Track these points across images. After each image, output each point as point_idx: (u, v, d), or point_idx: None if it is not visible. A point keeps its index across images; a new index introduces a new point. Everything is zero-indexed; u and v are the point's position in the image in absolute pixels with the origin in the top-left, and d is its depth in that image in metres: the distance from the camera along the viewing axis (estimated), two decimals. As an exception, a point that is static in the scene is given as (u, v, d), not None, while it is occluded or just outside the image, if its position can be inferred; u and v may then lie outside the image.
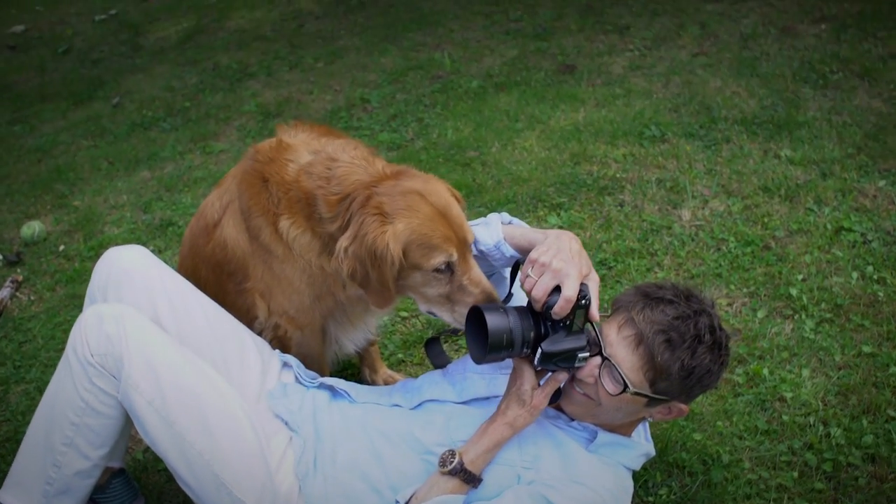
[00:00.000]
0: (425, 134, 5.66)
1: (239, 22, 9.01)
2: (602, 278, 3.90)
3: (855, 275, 3.73)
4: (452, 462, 2.37)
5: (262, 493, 2.45)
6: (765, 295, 3.70)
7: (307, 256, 2.71)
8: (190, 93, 7.06)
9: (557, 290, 2.29)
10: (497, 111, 5.82)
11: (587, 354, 2.37)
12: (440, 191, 2.55)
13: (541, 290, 2.31)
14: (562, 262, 2.31)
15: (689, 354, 2.34)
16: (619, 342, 2.40)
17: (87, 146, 6.33)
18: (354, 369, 3.54)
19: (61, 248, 4.87)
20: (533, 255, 2.38)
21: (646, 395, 2.38)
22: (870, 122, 5.09)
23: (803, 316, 3.54)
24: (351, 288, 2.72)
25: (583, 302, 2.30)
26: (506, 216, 2.70)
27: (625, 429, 2.58)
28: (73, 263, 4.68)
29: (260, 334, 2.96)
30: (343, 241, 2.52)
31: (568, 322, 2.31)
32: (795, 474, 2.84)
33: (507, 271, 2.76)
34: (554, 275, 2.30)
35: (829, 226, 4.09)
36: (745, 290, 3.75)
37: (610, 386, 2.39)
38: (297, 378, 2.87)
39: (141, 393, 2.41)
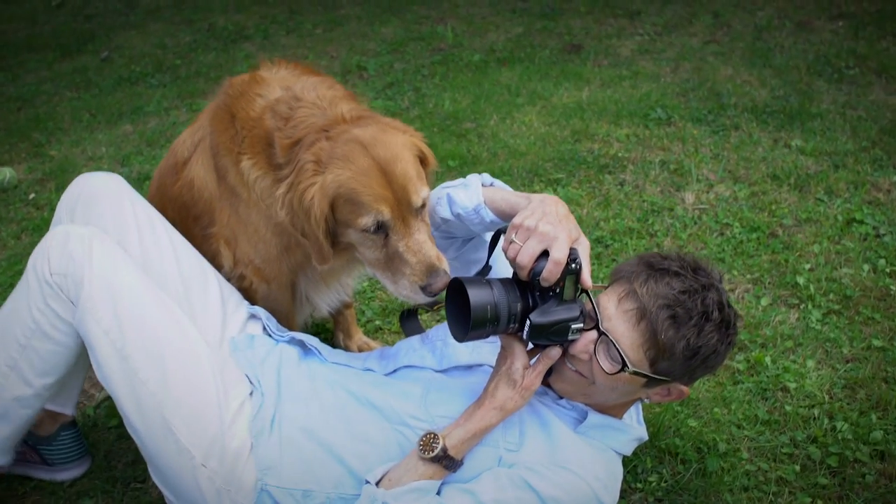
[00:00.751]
0: (421, 103, 5.42)
1: (237, -12, 8.75)
2: (598, 256, 3.68)
3: (866, 267, 3.51)
4: (435, 449, 2.12)
5: (210, 447, 2.21)
6: (769, 282, 3.48)
7: (268, 202, 2.46)
8: (182, 51, 6.81)
9: (545, 255, 2.05)
10: (498, 85, 5.58)
11: (581, 326, 2.12)
12: (390, 143, 2.27)
13: (526, 256, 2.05)
14: (548, 226, 2.06)
15: (695, 333, 2.08)
16: (618, 316, 2.14)
17: (70, 97, 6.08)
18: (328, 334, 3.31)
19: (31, 196, 4.62)
20: (516, 219, 2.12)
21: (645, 376, 2.13)
22: (886, 117, 4.87)
23: (810, 306, 3.32)
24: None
25: (573, 266, 2.05)
26: (486, 177, 2.43)
27: (616, 410, 2.33)
28: (41, 212, 4.43)
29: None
30: (282, 187, 2.30)
31: (558, 290, 2.08)
32: (797, 468, 2.61)
33: (488, 236, 2.51)
34: (540, 238, 2.05)
35: (839, 217, 3.87)
36: (748, 276, 3.52)
37: (606, 364, 2.13)
38: (265, 330, 2.64)
39: (97, 320, 2.20)
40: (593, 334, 2.14)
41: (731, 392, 2.91)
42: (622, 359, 2.09)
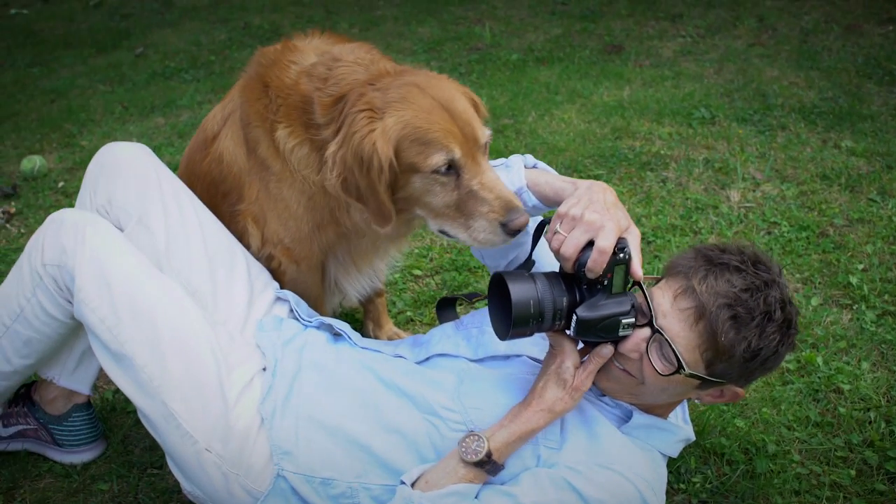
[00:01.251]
0: (458, 100, 5.30)
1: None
2: (639, 252, 3.52)
3: (924, 268, 3.33)
4: (480, 453, 1.96)
5: (213, 429, 2.10)
6: (820, 282, 3.31)
7: (305, 172, 2.34)
8: (217, 48, 6.77)
9: (591, 246, 1.91)
10: (536, 83, 5.45)
11: (633, 321, 1.96)
12: (444, 86, 2.16)
13: (571, 247, 1.92)
14: (595, 214, 1.93)
15: (756, 334, 1.92)
16: (674, 314, 1.98)
17: (104, 91, 6.05)
18: (357, 325, 3.18)
19: (60, 184, 4.56)
20: (562, 208, 2.00)
21: (700, 378, 1.97)
22: (940, 120, 4.68)
23: (863, 306, 3.14)
24: (354, 210, 2.36)
25: (621, 255, 1.91)
26: (530, 158, 2.31)
27: (663, 410, 2.18)
28: (70, 200, 4.36)
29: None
30: (332, 146, 2.15)
31: (606, 282, 1.93)
32: (853, 472, 2.44)
33: (531, 227, 2.34)
34: (586, 228, 1.92)
35: (894, 218, 3.69)
36: (798, 275, 3.35)
37: (659, 364, 1.98)
38: (292, 313, 2.52)
39: (92, 310, 2.14)
40: (646, 332, 1.99)
41: (780, 392, 2.74)
42: (678, 360, 1.94)
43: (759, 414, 2.66)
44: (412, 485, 2.00)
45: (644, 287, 2.00)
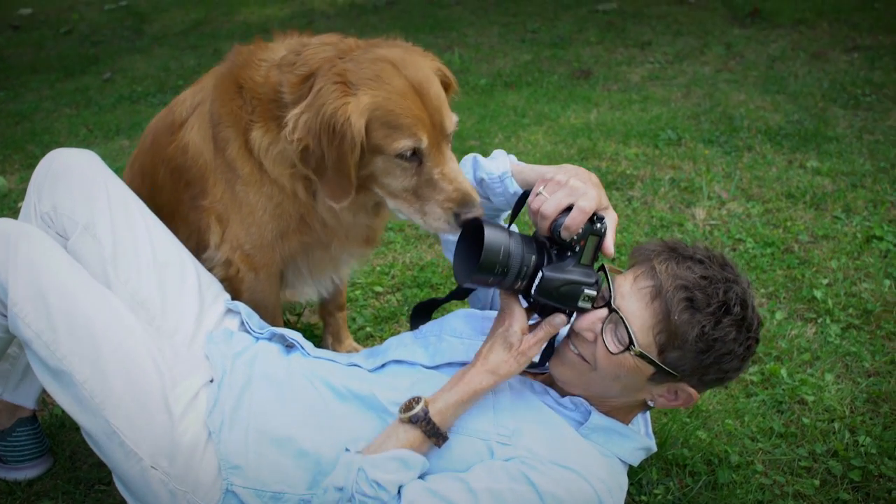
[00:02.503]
0: (426, 122, 5.28)
1: (248, 17, 8.74)
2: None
3: (887, 282, 3.32)
4: (415, 408, 1.94)
5: (157, 445, 2.01)
6: (785, 297, 3.29)
7: (278, 171, 2.29)
8: (186, 73, 6.73)
9: (569, 211, 1.92)
10: (504, 107, 5.45)
11: (594, 294, 1.96)
12: (420, 64, 2.12)
13: (552, 206, 1.92)
14: (579, 182, 1.95)
15: (711, 322, 1.89)
16: (632, 294, 1.97)
17: (69, 114, 5.98)
18: (316, 340, 3.12)
19: (19, 205, 4.46)
20: (547, 174, 2.02)
21: (652, 362, 1.93)
22: (905, 141, 4.71)
23: (828, 320, 3.12)
24: (322, 209, 2.32)
25: (598, 226, 1.93)
26: (513, 158, 2.29)
27: (622, 414, 2.13)
28: (30, 220, 4.28)
29: (210, 272, 2.56)
30: (295, 110, 2.09)
31: (577, 249, 1.94)
32: (817, 482, 2.39)
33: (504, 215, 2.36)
34: (570, 192, 1.93)
35: (858, 234, 3.69)
36: (763, 290, 3.33)
37: (612, 343, 1.95)
38: (243, 326, 2.45)
39: (27, 324, 2.03)
40: (603, 312, 1.97)
41: (743, 404, 2.71)
42: (629, 337, 1.91)
43: (722, 426, 2.61)
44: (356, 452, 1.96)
45: (608, 274, 2.00)
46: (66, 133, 5.54)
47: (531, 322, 2.06)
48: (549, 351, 2.12)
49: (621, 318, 1.93)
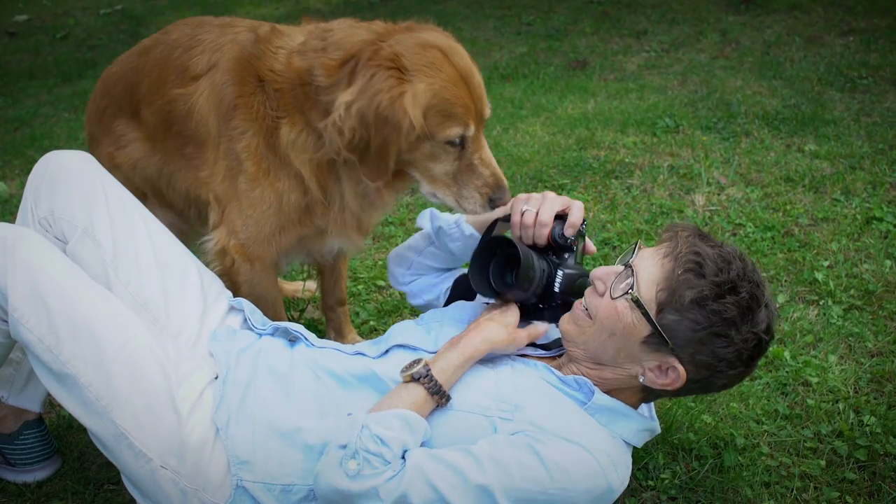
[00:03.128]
0: (424, 117, 5.29)
1: (244, 17, 8.71)
2: (604, 257, 3.51)
3: (888, 263, 3.32)
4: (415, 367, 1.99)
5: (166, 444, 2.02)
6: (786, 280, 3.30)
7: (300, 160, 2.31)
8: (183, 75, 6.73)
9: (556, 219, 2.19)
10: (501, 99, 5.45)
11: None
12: (463, 52, 2.20)
13: (548, 214, 2.16)
14: (552, 193, 2.22)
15: (713, 292, 1.91)
16: (650, 255, 2.05)
17: (68, 119, 5.99)
18: (320, 335, 3.12)
19: (21, 209, 4.49)
20: (521, 197, 2.25)
21: (646, 316, 1.96)
22: (902, 122, 4.71)
23: (830, 301, 3.13)
24: (336, 185, 2.37)
25: (582, 228, 2.20)
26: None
27: (623, 396, 2.14)
28: (31, 224, 4.29)
29: (208, 265, 2.57)
30: (345, 96, 2.09)
31: (575, 249, 2.21)
32: (823, 462, 2.41)
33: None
34: (553, 201, 2.19)
35: (858, 216, 3.69)
36: (764, 274, 3.29)
37: (617, 289, 2.03)
38: (246, 322, 2.45)
39: (29, 329, 2.04)
40: (620, 267, 2.08)
41: (748, 387, 2.71)
42: (633, 284, 1.99)
43: (727, 409, 2.62)
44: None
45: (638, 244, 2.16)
46: (66, 137, 5.55)
47: (523, 351, 2.21)
48: (568, 306, 2.19)
49: (631, 268, 2.02)
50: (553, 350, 2.26)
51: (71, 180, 2.34)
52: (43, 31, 9.14)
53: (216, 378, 2.18)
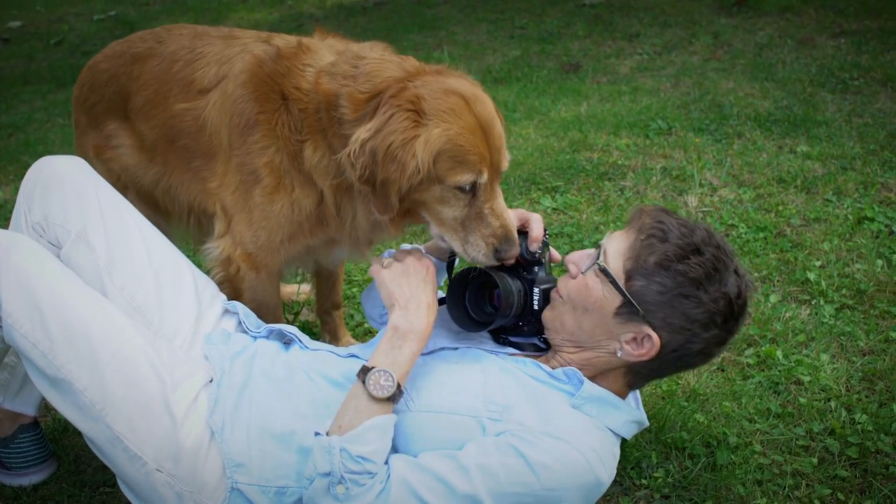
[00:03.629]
0: (417, 120, 5.31)
1: (238, 22, 8.75)
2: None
3: (880, 262, 3.34)
4: (391, 388, 1.97)
5: (162, 448, 2.03)
6: (778, 280, 3.32)
7: (322, 181, 2.33)
8: (177, 80, 6.74)
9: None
10: (495, 102, 5.43)
11: None
12: (486, 102, 2.18)
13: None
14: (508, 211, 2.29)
15: (676, 254, 1.98)
16: (618, 234, 2.12)
17: (62, 124, 6.00)
18: (314, 338, 3.13)
19: (16, 215, 4.49)
20: None
21: (614, 284, 2.01)
22: (893, 123, 4.73)
23: (822, 301, 3.15)
24: (351, 208, 2.39)
25: (546, 238, 2.26)
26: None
27: (608, 382, 2.15)
28: (26, 230, 4.30)
29: (208, 272, 2.58)
30: (362, 133, 2.10)
31: (542, 261, 2.25)
32: (815, 460, 2.42)
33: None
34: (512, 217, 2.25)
35: (850, 216, 3.72)
36: (756, 274, 3.36)
37: (586, 265, 2.09)
38: (241, 326, 2.46)
39: (23, 334, 2.04)
40: (591, 250, 2.14)
41: (740, 386, 2.73)
42: (598, 254, 2.06)
43: (719, 408, 2.64)
44: (327, 434, 1.97)
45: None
46: (60, 143, 5.56)
47: (511, 353, 2.25)
48: (539, 326, 2.23)
49: (601, 247, 2.08)
50: (528, 350, 2.29)
51: (64, 185, 2.35)
52: (37, 36, 9.15)
53: (211, 381, 2.18)
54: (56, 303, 2.07)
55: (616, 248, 2.05)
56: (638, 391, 2.30)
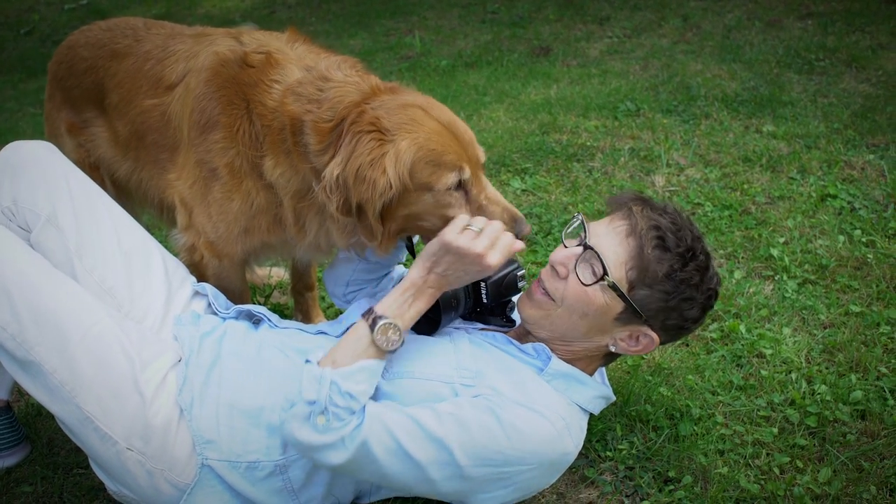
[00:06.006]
0: (389, 105, 5.33)
1: (209, 9, 8.72)
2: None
3: (842, 238, 3.41)
4: (397, 343, 2.03)
5: (132, 427, 2.07)
6: (743, 257, 3.38)
7: (287, 200, 2.35)
8: (148, 68, 6.72)
9: None
10: (466, 86, 5.50)
11: (524, 272, 2.26)
12: (444, 107, 2.23)
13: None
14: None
15: (679, 263, 2.06)
16: (607, 233, 2.13)
17: (34, 113, 5.98)
18: (285, 318, 3.16)
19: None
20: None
21: (622, 296, 2.07)
22: (857, 102, 4.81)
23: (785, 277, 3.21)
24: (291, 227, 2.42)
25: None
26: None
27: (583, 364, 2.22)
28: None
29: (177, 255, 2.61)
30: (333, 168, 2.11)
31: None
32: (775, 430, 2.48)
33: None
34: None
35: (813, 193, 3.78)
36: (721, 251, 3.42)
37: (585, 275, 2.09)
38: (210, 307, 2.49)
39: None
40: (578, 249, 2.12)
41: (704, 360, 2.79)
42: (603, 268, 2.05)
43: (683, 381, 2.69)
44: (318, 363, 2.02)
45: (584, 220, 2.22)
46: (31, 132, 5.54)
47: (478, 327, 2.30)
48: (506, 304, 2.27)
49: (596, 252, 2.07)
50: (495, 324, 2.34)
51: (34, 169, 2.36)
52: (6, 26, 9.08)
53: (180, 361, 2.22)
54: (25, 285, 2.09)
55: (616, 256, 2.08)
56: (604, 367, 2.36)
